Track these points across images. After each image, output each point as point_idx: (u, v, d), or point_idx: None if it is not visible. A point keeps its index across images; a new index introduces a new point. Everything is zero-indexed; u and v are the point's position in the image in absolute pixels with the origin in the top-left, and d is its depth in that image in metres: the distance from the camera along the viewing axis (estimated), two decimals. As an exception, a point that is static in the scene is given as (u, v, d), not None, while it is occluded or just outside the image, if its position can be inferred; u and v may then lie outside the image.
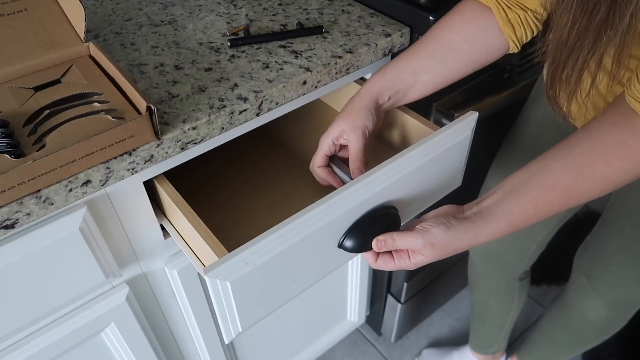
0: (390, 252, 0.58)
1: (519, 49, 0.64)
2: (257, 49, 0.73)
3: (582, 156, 0.51)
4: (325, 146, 0.65)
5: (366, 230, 0.57)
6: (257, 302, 0.54)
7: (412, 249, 0.55)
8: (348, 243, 0.57)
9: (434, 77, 0.65)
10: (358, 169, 0.62)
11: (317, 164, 0.66)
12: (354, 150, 0.63)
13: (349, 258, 0.61)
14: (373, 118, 0.64)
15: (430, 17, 0.72)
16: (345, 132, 0.63)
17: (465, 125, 0.62)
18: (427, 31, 0.66)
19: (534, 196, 0.53)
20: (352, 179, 0.62)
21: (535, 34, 0.63)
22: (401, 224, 0.60)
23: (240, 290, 0.51)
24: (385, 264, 0.58)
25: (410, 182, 0.60)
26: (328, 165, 0.67)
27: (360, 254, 0.59)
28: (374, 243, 0.56)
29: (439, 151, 0.61)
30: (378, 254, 0.58)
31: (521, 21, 0.61)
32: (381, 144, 0.79)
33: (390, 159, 0.56)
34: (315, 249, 0.55)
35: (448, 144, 0.62)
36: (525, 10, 0.61)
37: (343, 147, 0.66)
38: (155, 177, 0.63)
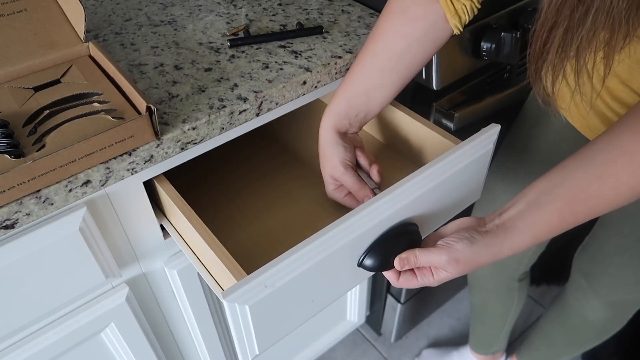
0: (412, 269, 0.57)
1: (461, 32, 0.62)
2: (257, 49, 0.73)
3: (605, 165, 0.49)
4: (336, 195, 0.66)
5: (386, 248, 0.55)
6: (275, 324, 0.54)
7: (435, 266, 0.54)
8: (368, 262, 0.56)
9: (389, 90, 0.64)
10: (366, 197, 0.62)
11: (354, 205, 0.66)
12: (351, 186, 0.63)
13: (367, 276, 0.60)
14: (345, 147, 0.63)
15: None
16: (334, 177, 0.64)
17: (487, 139, 0.61)
18: (372, 37, 0.62)
19: (557, 208, 0.52)
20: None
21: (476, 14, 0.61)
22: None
23: (259, 313, 0.50)
24: (408, 282, 0.56)
25: (431, 197, 0.59)
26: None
27: (380, 272, 0.58)
28: (396, 261, 0.55)
29: (461, 165, 0.60)
30: (400, 272, 0.57)
31: (467, 10, 0.59)
32: (400, 156, 0.78)
33: (411, 175, 0.55)
34: (335, 268, 0.54)
35: (470, 158, 0.61)
36: (471, 0, 0.59)
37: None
38: (155, 177, 0.63)
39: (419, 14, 0.59)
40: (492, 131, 0.61)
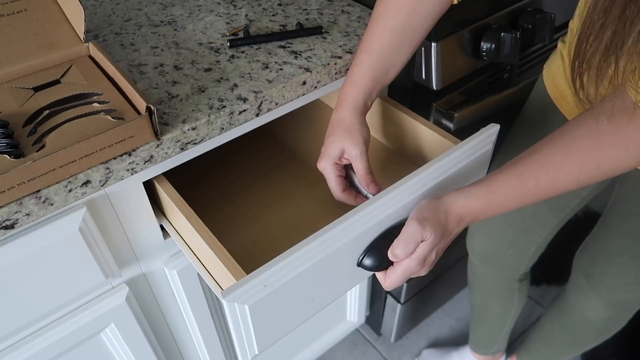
0: None
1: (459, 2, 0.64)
2: (257, 49, 0.73)
3: (573, 140, 0.51)
4: (332, 170, 0.63)
5: (385, 247, 0.55)
6: (275, 323, 0.54)
7: (413, 241, 0.53)
8: (367, 261, 0.56)
9: (401, 65, 0.65)
10: (373, 183, 0.61)
11: (339, 190, 0.64)
12: (363, 166, 0.62)
13: (366, 276, 0.60)
14: (368, 129, 0.63)
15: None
16: (346, 152, 0.62)
17: (486, 138, 0.62)
18: (385, 13, 0.62)
19: (517, 169, 0.53)
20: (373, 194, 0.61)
21: None
22: None
23: (259, 313, 0.50)
24: (391, 277, 0.56)
25: (430, 196, 0.58)
26: (346, 177, 0.66)
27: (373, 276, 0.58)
28: (390, 258, 0.55)
29: (460, 165, 0.60)
30: None
31: None
32: (399, 156, 0.78)
33: (410, 174, 0.55)
34: (335, 268, 0.55)
35: (469, 158, 0.61)
36: None
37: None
38: (155, 178, 0.63)
39: None
40: (492, 131, 0.62)
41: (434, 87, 0.78)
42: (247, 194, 0.76)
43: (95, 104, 0.58)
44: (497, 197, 0.54)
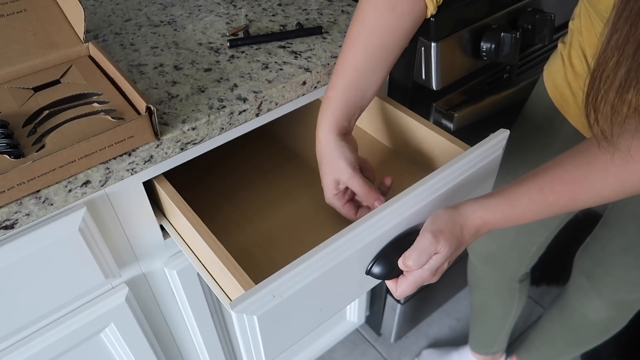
0: None
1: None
2: (257, 49, 0.73)
3: (597, 155, 0.49)
4: (337, 202, 0.63)
5: (395, 255, 0.54)
6: (283, 333, 0.53)
7: (427, 253, 0.52)
8: (376, 270, 0.55)
9: (379, 85, 0.63)
10: (377, 200, 0.60)
11: (352, 215, 0.64)
12: (359, 188, 0.60)
13: (375, 283, 0.59)
14: (350, 148, 0.61)
15: (431, 19, 0.72)
16: (339, 181, 0.61)
17: (496, 144, 0.61)
18: (360, 34, 0.61)
19: (538, 183, 0.51)
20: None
21: None
22: None
23: (267, 323, 0.49)
24: (403, 286, 0.55)
25: (440, 203, 0.58)
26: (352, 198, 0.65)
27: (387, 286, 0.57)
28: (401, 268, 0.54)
29: (471, 171, 0.59)
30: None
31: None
32: (407, 161, 0.78)
33: (421, 180, 0.55)
34: (343, 277, 0.54)
35: (479, 164, 0.60)
36: None
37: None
38: (155, 178, 0.63)
39: (407, 9, 0.60)
40: (502, 137, 0.61)
41: (434, 87, 0.78)
42: (246, 194, 0.76)
43: (95, 104, 0.58)
44: (516, 210, 0.52)
